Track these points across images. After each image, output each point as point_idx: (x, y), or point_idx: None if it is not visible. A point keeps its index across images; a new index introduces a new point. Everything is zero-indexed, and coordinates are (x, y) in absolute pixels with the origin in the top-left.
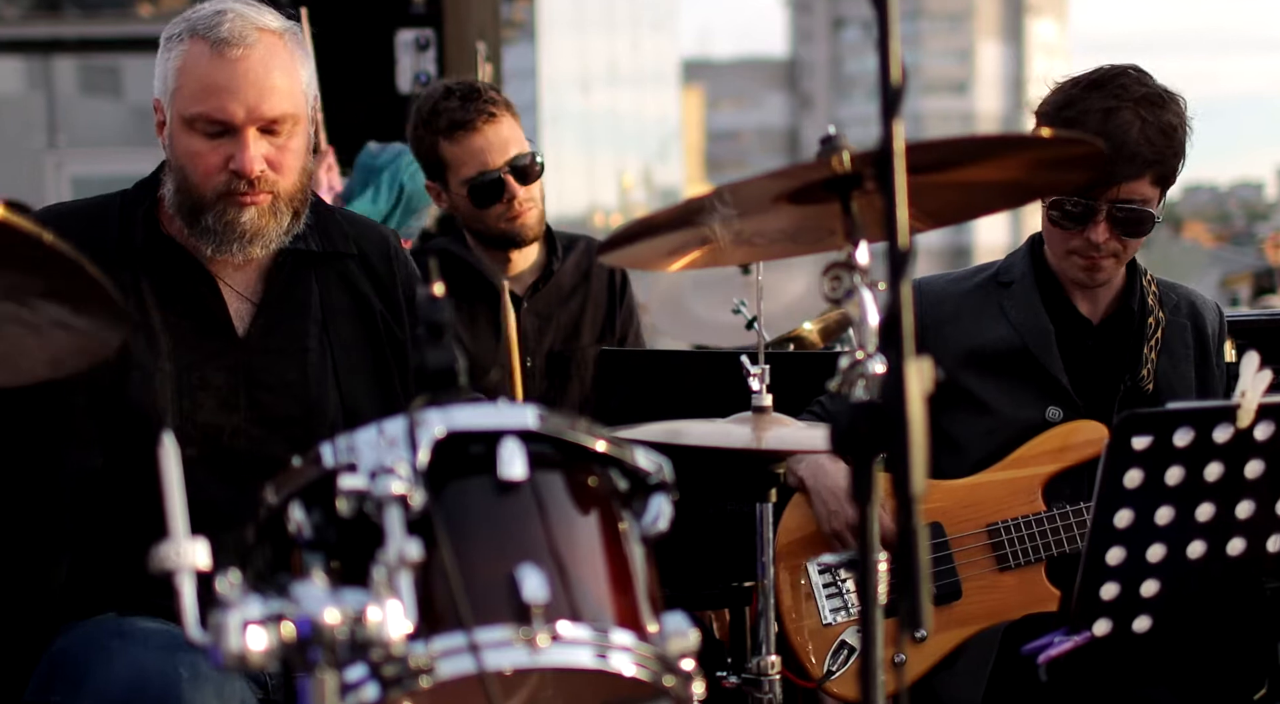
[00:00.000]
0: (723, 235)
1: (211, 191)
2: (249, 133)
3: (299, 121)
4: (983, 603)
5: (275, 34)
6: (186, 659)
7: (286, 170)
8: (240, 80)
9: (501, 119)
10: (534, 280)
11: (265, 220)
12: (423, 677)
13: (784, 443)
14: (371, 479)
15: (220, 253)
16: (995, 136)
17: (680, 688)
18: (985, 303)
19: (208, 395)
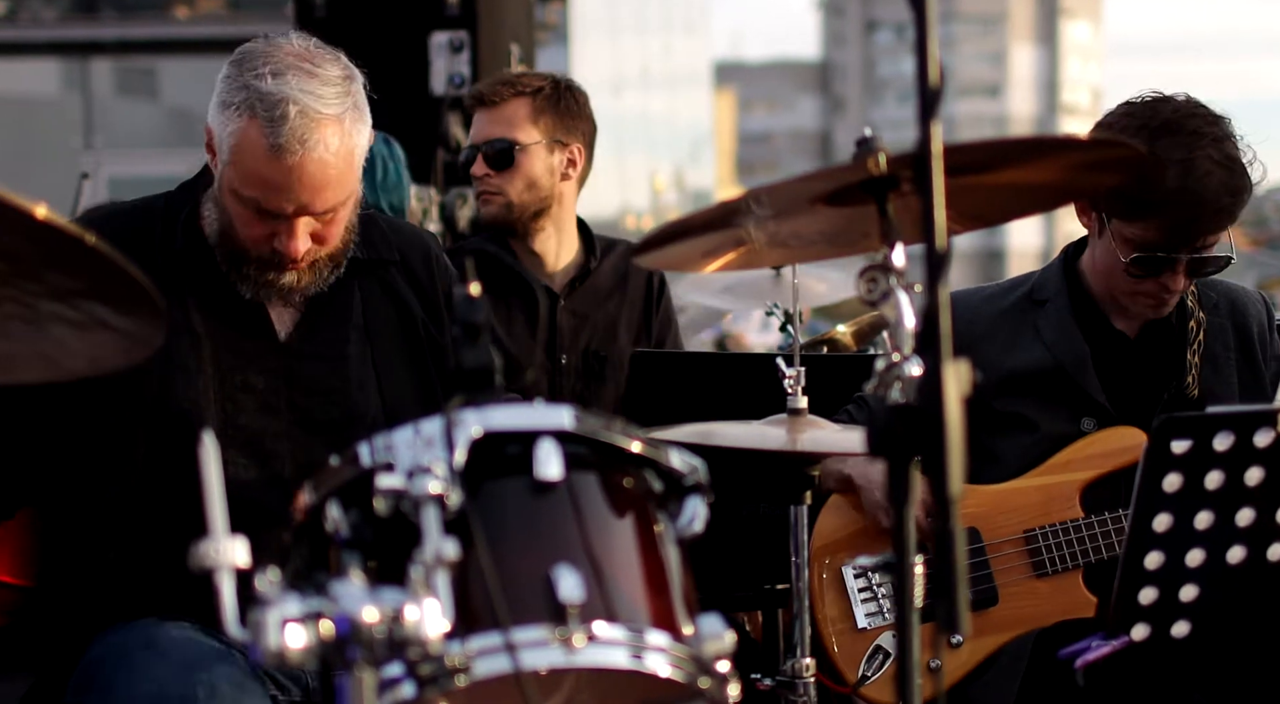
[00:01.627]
0: (758, 237)
1: (255, 254)
2: (298, 222)
3: (350, 198)
4: (1019, 609)
5: (334, 121)
6: (205, 679)
7: (331, 239)
8: (294, 183)
9: (505, 105)
10: (571, 279)
11: (305, 279)
12: (459, 676)
13: (819, 445)
14: (409, 478)
15: (259, 298)
16: (1031, 138)
17: (716, 690)
18: (1020, 324)
19: (249, 399)
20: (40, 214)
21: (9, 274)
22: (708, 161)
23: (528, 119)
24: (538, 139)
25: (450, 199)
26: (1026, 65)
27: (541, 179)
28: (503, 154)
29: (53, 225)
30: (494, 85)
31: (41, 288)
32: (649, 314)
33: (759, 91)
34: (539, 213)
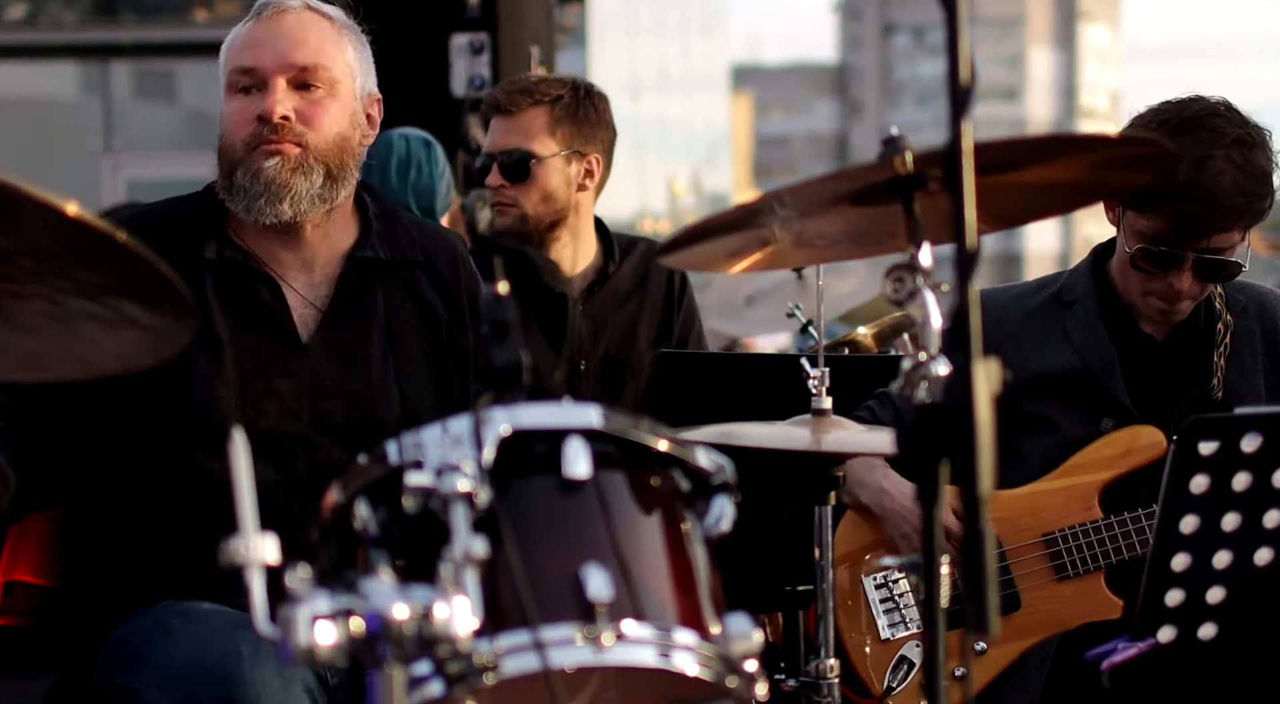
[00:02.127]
0: (783, 237)
1: (242, 144)
2: (277, 80)
3: (336, 84)
4: (1042, 613)
5: (322, 15)
6: (247, 637)
7: (317, 125)
8: (273, 34)
9: (524, 114)
10: (589, 283)
11: (291, 173)
12: (487, 674)
13: (844, 445)
14: (438, 476)
15: (252, 212)
16: (1056, 136)
17: (743, 689)
18: (1048, 325)
19: (271, 402)
20: (71, 211)
21: (39, 271)
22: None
23: (545, 130)
24: (555, 150)
25: (470, 201)
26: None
27: (558, 191)
28: (518, 166)
29: (83, 222)
30: (511, 93)
31: (71, 285)
32: (670, 314)
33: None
34: (554, 224)
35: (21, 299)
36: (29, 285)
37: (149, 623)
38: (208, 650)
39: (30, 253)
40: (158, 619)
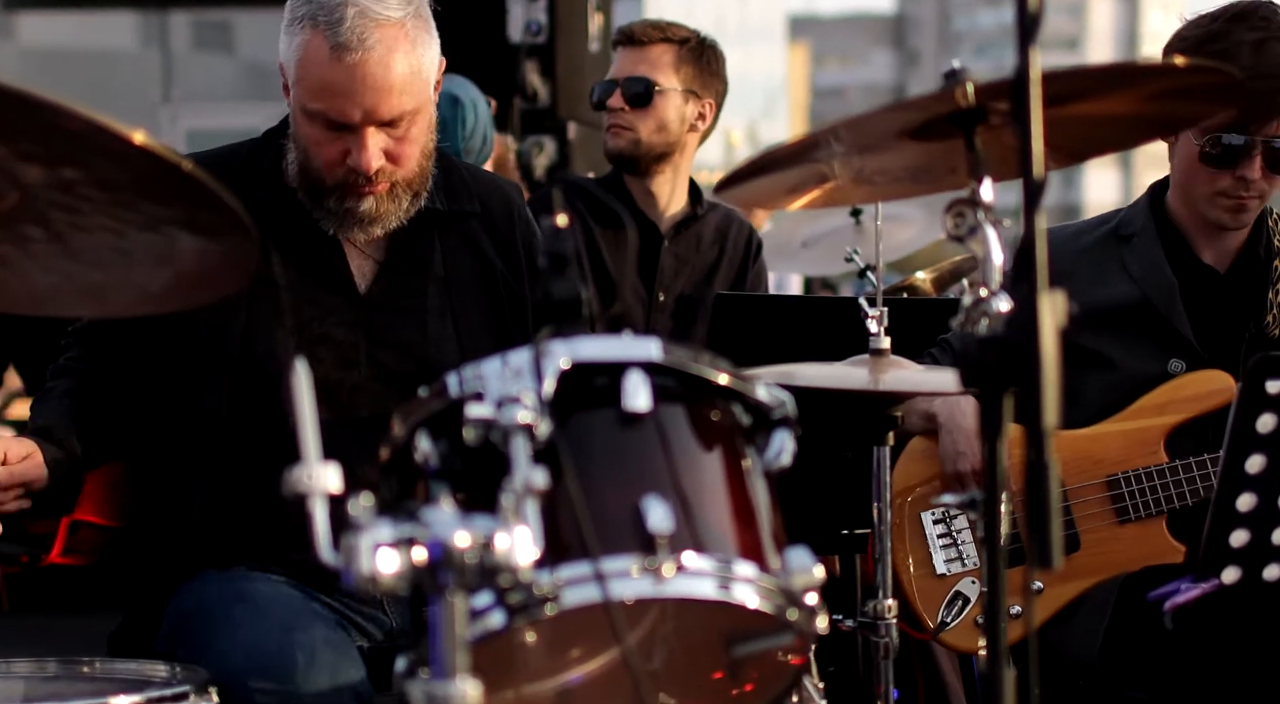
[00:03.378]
0: (842, 174)
1: (332, 181)
2: (367, 132)
3: (419, 111)
4: (1101, 555)
5: (396, 25)
6: (303, 641)
7: (405, 160)
8: (358, 84)
9: (651, 47)
10: (677, 222)
11: (384, 206)
12: (548, 605)
13: (902, 385)
14: (498, 408)
15: (342, 234)
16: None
17: (804, 622)
18: (1106, 259)
19: (328, 351)
20: (138, 139)
21: (105, 203)
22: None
23: (670, 65)
24: (676, 86)
25: (527, 147)
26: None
27: (672, 124)
28: (643, 93)
29: (150, 151)
30: (644, 27)
31: (136, 217)
32: (745, 270)
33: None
34: (662, 156)
35: (85, 231)
36: (93, 217)
37: (211, 603)
38: (265, 650)
39: (96, 184)
40: (221, 600)
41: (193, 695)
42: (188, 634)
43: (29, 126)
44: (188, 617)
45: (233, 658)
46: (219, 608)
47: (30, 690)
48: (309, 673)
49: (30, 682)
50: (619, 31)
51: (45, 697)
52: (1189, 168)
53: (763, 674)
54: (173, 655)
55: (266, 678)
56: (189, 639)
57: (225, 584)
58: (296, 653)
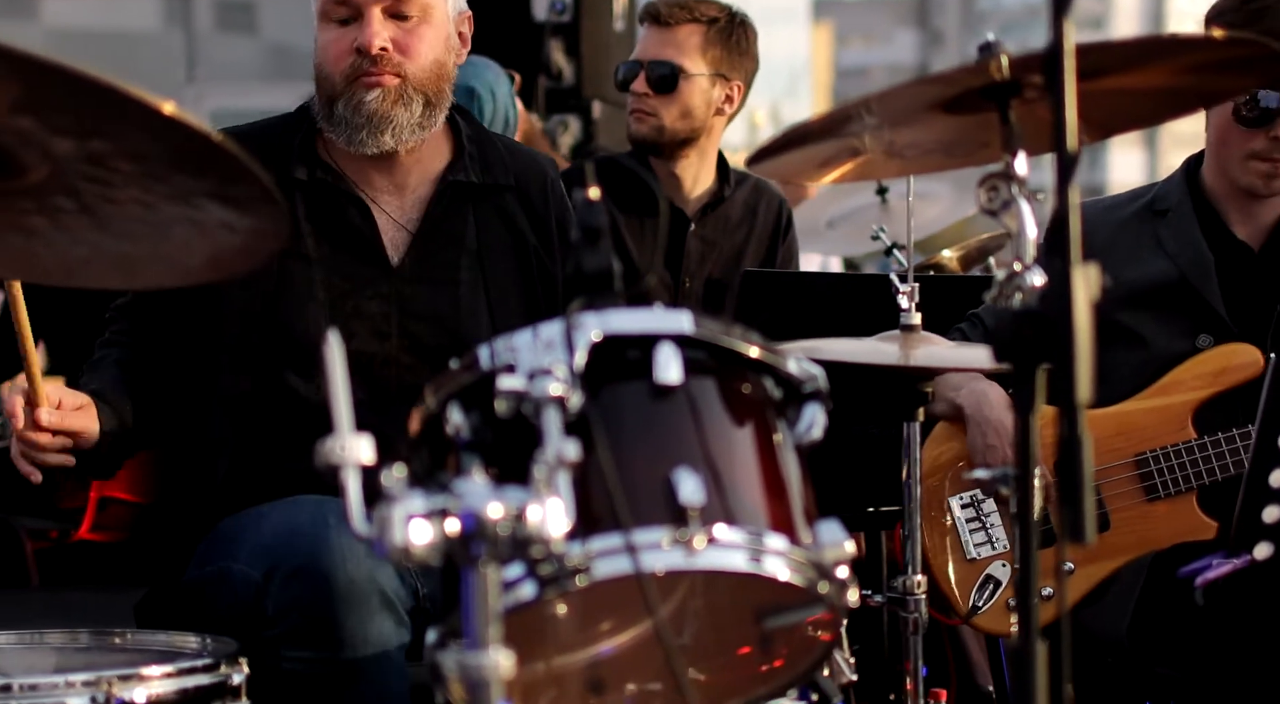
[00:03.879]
0: (874, 147)
1: (341, 77)
2: (373, 12)
3: (429, 11)
4: (1131, 533)
5: None
6: (335, 508)
7: (414, 54)
8: None
9: (680, 28)
10: (704, 205)
11: (391, 104)
12: (579, 576)
13: (933, 360)
14: (530, 380)
15: (354, 144)
16: (1156, 38)
17: (835, 595)
18: (1140, 234)
19: (360, 324)
20: (168, 110)
21: (135, 175)
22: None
23: (697, 48)
24: (703, 70)
25: (552, 126)
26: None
27: (697, 110)
28: (667, 78)
29: (180, 122)
30: (671, 6)
31: (166, 189)
32: (775, 246)
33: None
34: (686, 141)
35: (116, 204)
36: (124, 190)
37: (245, 516)
38: (297, 520)
39: (127, 156)
40: (253, 511)
41: (223, 665)
42: (218, 544)
43: (60, 99)
44: (216, 535)
45: (265, 537)
46: (249, 515)
47: (63, 661)
48: (341, 534)
49: (63, 652)
50: (645, 9)
51: (78, 667)
52: (1223, 128)
53: (792, 649)
54: (202, 573)
55: (297, 545)
56: (221, 547)
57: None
58: (329, 516)
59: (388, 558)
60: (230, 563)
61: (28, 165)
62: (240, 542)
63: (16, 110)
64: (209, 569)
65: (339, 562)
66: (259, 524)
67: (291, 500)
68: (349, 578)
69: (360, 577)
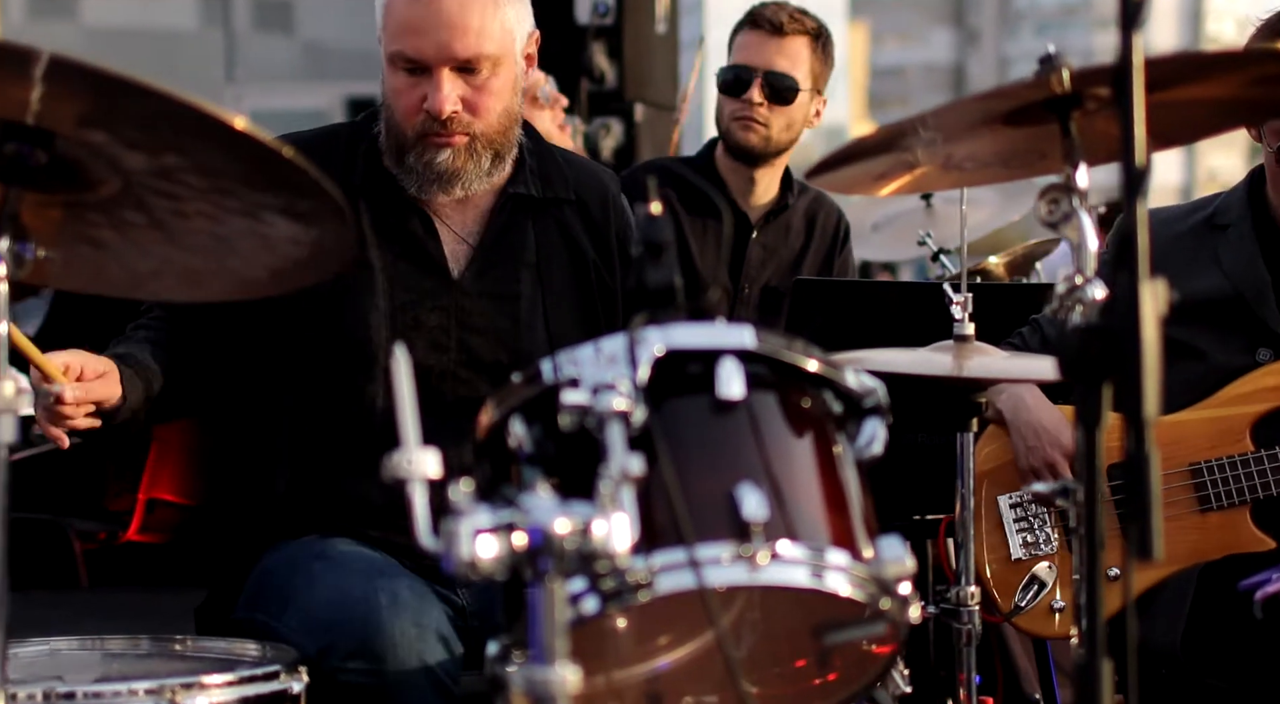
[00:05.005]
0: (930, 161)
1: (412, 131)
2: (442, 73)
3: (499, 62)
4: (1183, 543)
5: None
6: (386, 585)
7: (484, 111)
8: (433, 20)
9: (792, 39)
10: (766, 212)
11: (462, 161)
12: (641, 591)
13: (987, 371)
14: (593, 395)
15: (422, 193)
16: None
17: (897, 611)
18: (1198, 248)
19: (419, 335)
20: (239, 125)
21: (204, 189)
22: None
23: (806, 61)
24: (808, 84)
25: (594, 129)
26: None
27: (798, 123)
28: (787, 91)
29: (250, 137)
30: (781, 15)
31: (235, 203)
32: (832, 257)
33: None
34: (779, 152)
35: (185, 218)
36: (193, 203)
37: (290, 563)
38: (349, 596)
39: (197, 170)
40: (298, 560)
41: (283, 674)
42: (268, 595)
43: (133, 113)
44: (267, 576)
45: (315, 609)
46: (299, 566)
47: (124, 667)
48: (393, 613)
49: (124, 658)
50: (754, 13)
51: (139, 674)
52: (1270, 159)
53: (847, 664)
54: (252, 619)
55: (351, 627)
56: (270, 596)
57: (302, 546)
58: (380, 595)
59: (454, 571)
60: (279, 625)
61: (99, 179)
62: (291, 603)
63: (88, 124)
64: (259, 618)
65: (390, 648)
66: (311, 589)
67: (343, 563)
68: (400, 664)
69: (410, 662)
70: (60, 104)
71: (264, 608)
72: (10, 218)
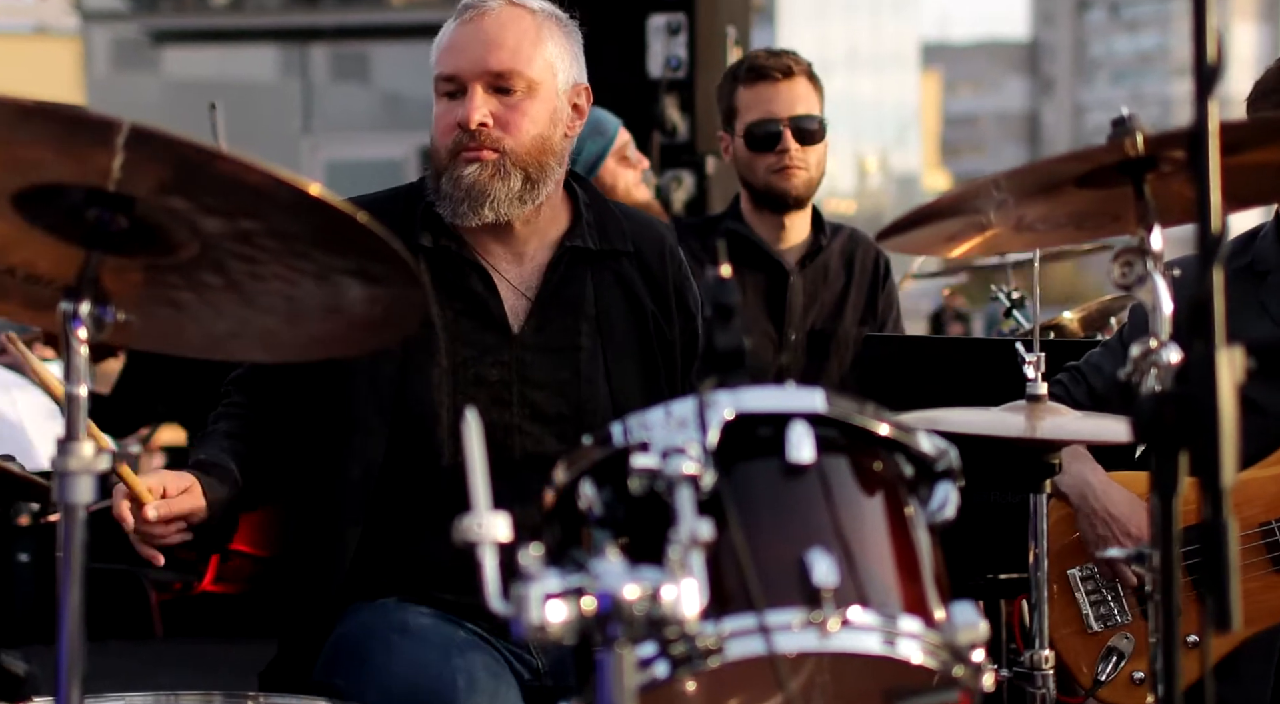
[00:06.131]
0: (1002, 222)
1: (446, 151)
2: (474, 88)
3: (535, 87)
4: (1259, 604)
5: (524, 9)
6: (462, 665)
7: (514, 129)
8: (471, 38)
9: (798, 80)
10: (802, 256)
11: (489, 177)
12: (711, 657)
13: (1061, 433)
14: (663, 459)
15: (457, 216)
16: None
17: (970, 679)
18: (1242, 297)
19: (482, 391)
20: (314, 191)
21: (279, 252)
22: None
23: (816, 97)
24: (824, 118)
25: (666, 181)
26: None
27: (824, 158)
28: (818, 131)
29: (324, 203)
30: (783, 59)
31: (309, 266)
32: (874, 294)
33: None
34: (814, 191)
35: (260, 280)
36: (268, 266)
37: (368, 630)
38: (426, 673)
39: (272, 233)
40: (377, 628)
41: None
42: (347, 661)
43: (210, 179)
44: (345, 642)
45: (393, 683)
46: (378, 635)
47: None
48: (469, 697)
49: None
50: (754, 66)
51: None
52: None
53: None
54: (330, 683)
55: (426, 701)
56: (348, 666)
57: (380, 613)
58: (457, 677)
59: (524, 635)
60: (356, 692)
61: (178, 242)
62: (368, 671)
63: (168, 190)
64: (337, 683)
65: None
66: (389, 660)
67: (421, 636)
68: None
69: None
70: (140, 170)
71: (341, 673)
72: (91, 281)
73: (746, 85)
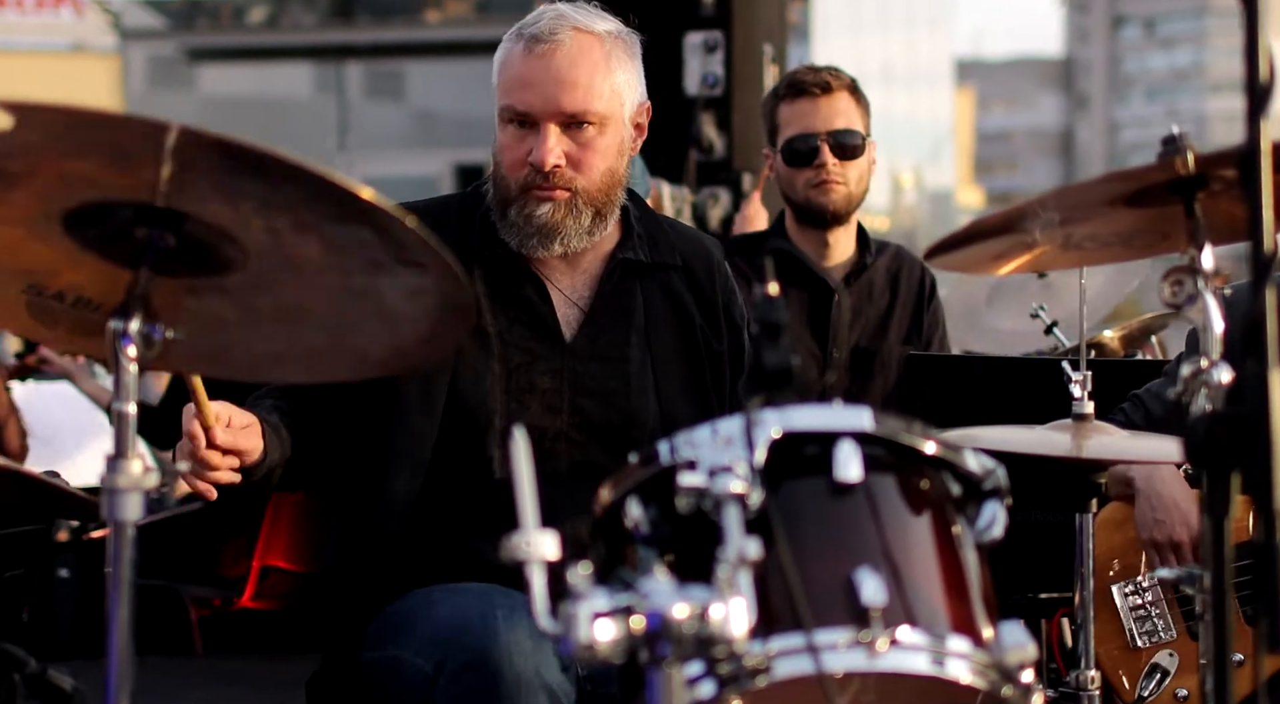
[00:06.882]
0: (1048, 241)
1: (516, 185)
2: (548, 126)
3: (606, 122)
4: None
5: (593, 35)
6: (504, 601)
7: (587, 168)
8: (541, 74)
9: (839, 95)
10: (847, 274)
11: (562, 217)
12: (759, 676)
13: (1107, 452)
14: (710, 477)
15: (524, 248)
16: None
17: (1019, 699)
18: None
19: (533, 398)
20: (366, 195)
21: (328, 267)
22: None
23: (858, 112)
24: (866, 133)
25: (702, 199)
26: None
27: (866, 174)
28: (858, 146)
29: (375, 208)
30: (821, 75)
31: (356, 282)
32: (920, 312)
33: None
34: (857, 207)
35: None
36: (316, 279)
37: (414, 600)
38: (468, 613)
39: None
40: (422, 596)
41: None
42: (391, 628)
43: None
44: (389, 617)
45: (439, 628)
46: (423, 599)
47: None
48: (509, 629)
49: None
50: (794, 82)
51: None
52: None
53: None
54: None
55: (467, 639)
56: (393, 631)
57: (428, 589)
58: (497, 610)
59: (572, 655)
60: (401, 652)
61: (225, 259)
62: (412, 630)
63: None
64: (381, 655)
65: (506, 657)
66: (430, 612)
67: (462, 588)
68: (515, 673)
69: (527, 672)
70: (188, 181)
71: (389, 641)
72: (140, 298)
73: (787, 101)
